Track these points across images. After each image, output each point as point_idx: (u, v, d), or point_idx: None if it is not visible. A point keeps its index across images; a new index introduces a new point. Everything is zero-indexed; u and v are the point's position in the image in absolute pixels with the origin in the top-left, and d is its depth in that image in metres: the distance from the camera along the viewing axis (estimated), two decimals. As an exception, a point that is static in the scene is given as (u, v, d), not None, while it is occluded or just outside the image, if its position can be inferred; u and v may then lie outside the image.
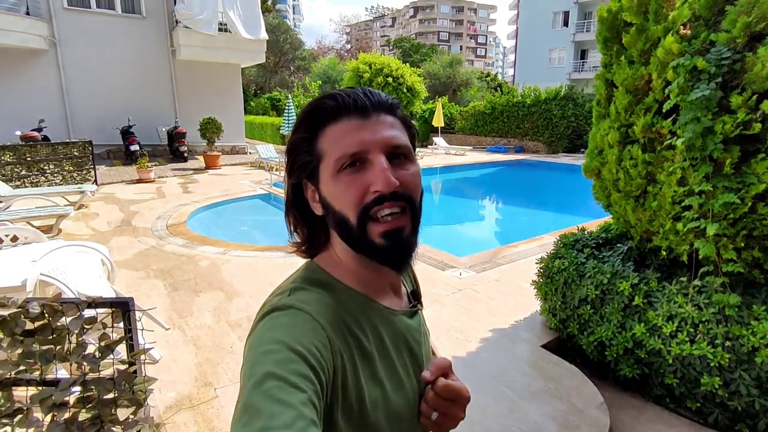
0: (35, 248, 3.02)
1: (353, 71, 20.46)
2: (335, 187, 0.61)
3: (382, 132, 0.61)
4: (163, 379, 2.57)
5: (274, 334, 0.53)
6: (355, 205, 0.60)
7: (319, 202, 0.65)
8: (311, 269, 0.67)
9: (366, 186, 0.60)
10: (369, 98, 0.63)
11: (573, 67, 30.41)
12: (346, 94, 0.62)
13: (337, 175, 0.61)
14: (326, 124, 0.62)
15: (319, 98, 0.64)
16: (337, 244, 0.67)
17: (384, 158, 0.60)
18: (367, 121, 0.62)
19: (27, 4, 11.42)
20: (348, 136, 0.60)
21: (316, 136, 0.63)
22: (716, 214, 2.09)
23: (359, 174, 0.60)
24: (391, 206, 0.60)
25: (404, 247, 0.63)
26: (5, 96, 11.52)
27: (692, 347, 2.20)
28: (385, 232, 0.61)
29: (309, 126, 0.63)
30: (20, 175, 8.04)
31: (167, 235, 5.88)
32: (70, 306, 1.46)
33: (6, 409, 1.40)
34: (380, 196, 0.59)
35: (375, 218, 0.60)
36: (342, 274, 0.67)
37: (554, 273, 3.03)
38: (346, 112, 0.62)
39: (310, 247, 0.70)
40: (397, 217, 0.61)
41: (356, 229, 0.61)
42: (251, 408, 0.45)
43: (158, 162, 12.70)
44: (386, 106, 0.64)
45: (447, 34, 73.49)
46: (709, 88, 1.98)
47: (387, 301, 0.70)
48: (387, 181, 0.58)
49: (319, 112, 0.63)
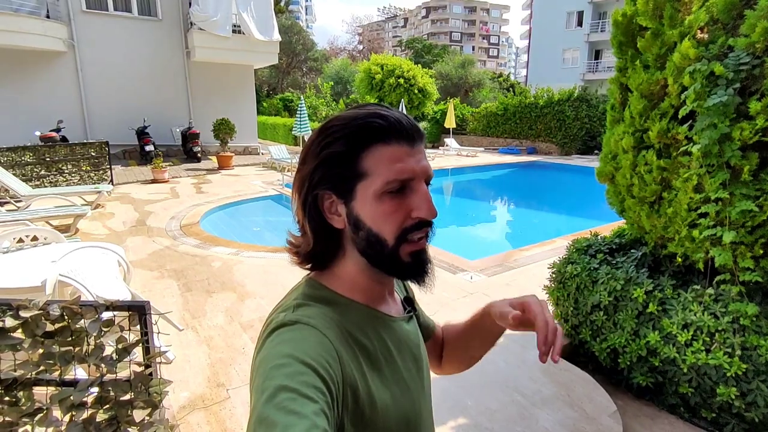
0: (54, 248, 3.09)
1: (365, 72, 20.54)
2: (377, 208, 0.62)
3: (423, 162, 0.65)
4: (176, 379, 2.61)
5: (283, 349, 0.55)
6: (397, 227, 0.63)
7: (344, 217, 0.65)
8: (312, 286, 0.68)
9: (408, 211, 0.63)
10: (411, 123, 0.65)
11: (587, 68, 30.07)
12: (395, 116, 0.63)
13: (380, 197, 0.62)
14: (374, 144, 0.62)
15: (367, 116, 0.63)
16: (349, 257, 0.67)
17: (426, 188, 0.65)
18: (413, 149, 0.64)
19: (47, 7, 11.67)
20: (400, 162, 0.62)
21: (360, 153, 0.62)
22: (733, 221, 2.05)
23: (402, 199, 0.63)
24: (424, 231, 0.65)
25: (426, 264, 0.68)
26: (25, 97, 11.79)
27: (708, 356, 2.16)
28: (413, 252, 0.65)
29: (353, 142, 0.62)
30: (39, 174, 8.23)
31: (181, 235, 5.96)
32: (88, 309, 1.49)
33: (27, 408, 1.44)
34: (421, 222, 0.64)
35: (408, 240, 0.64)
36: (343, 288, 0.68)
37: (566, 278, 3.00)
38: (396, 137, 0.63)
39: (318, 258, 0.69)
40: (423, 239, 0.66)
41: (390, 248, 0.64)
42: (266, 421, 0.46)
43: (172, 162, 12.88)
44: (421, 134, 0.67)
45: (459, 35, 73.23)
46: (726, 94, 1.95)
47: (387, 309, 0.73)
48: (432, 211, 0.64)
49: (367, 130, 0.62)
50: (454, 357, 0.94)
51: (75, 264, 2.72)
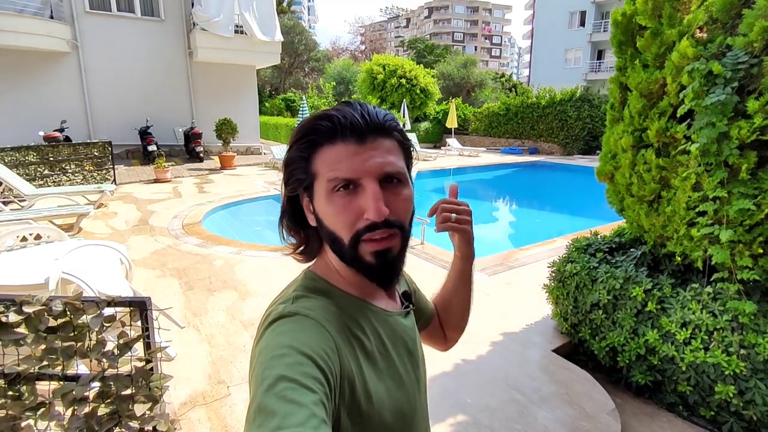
0: (57, 247, 3.11)
1: (367, 72, 20.54)
2: (328, 208, 0.62)
3: (377, 158, 0.62)
4: (177, 376, 2.63)
5: (282, 340, 0.56)
6: (348, 228, 0.62)
7: (313, 215, 0.67)
8: (310, 278, 0.70)
9: (359, 211, 0.61)
10: (366, 120, 0.62)
11: (589, 68, 29.99)
12: (343, 115, 0.62)
13: (330, 196, 0.62)
14: (321, 146, 0.62)
15: (315, 117, 0.63)
16: (329, 252, 0.69)
17: (376, 186, 0.61)
18: (363, 146, 0.61)
19: (51, 8, 11.73)
20: (343, 162, 0.61)
21: (311, 155, 0.63)
22: (731, 220, 2.06)
23: (352, 197, 0.61)
24: (383, 233, 0.62)
25: (392, 266, 0.65)
26: (29, 97, 11.85)
27: (706, 355, 2.17)
28: (376, 252, 0.63)
29: (304, 145, 0.64)
30: (43, 174, 8.28)
31: (183, 234, 5.99)
32: (90, 304, 1.51)
33: (30, 402, 1.46)
34: (372, 224, 0.61)
35: (366, 240, 0.62)
36: (339, 281, 0.69)
37: (566, 277, 3.01)
38: (342, 135, 0.61)
39: (304, 252, 0.73)
40: (387, 239, 0.63)
41: (348, 248, 0.63)
42: (265, 409, 0.47)
43: (175, 162, 12.92)
44: (382, 128, 0.64)
45: (461, 35, 73.18)
46: (724, 92, 1.96)
47: (383, 303, 0.74)
48: (378, 212, 0.60)
49: (314, 133, 0.63)
50: (449, 321, 0.99)
51: (77, 262, 2.74)
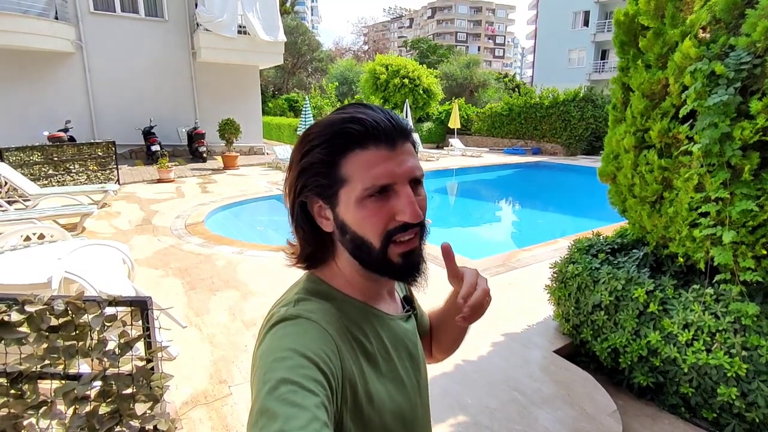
0: (60, 246, 3.13)
1: (370, 73, 20.56)
2: (359, 213, 0.62)
3: (407, 163, 0.63)
4: (179, 376, 2.64)
5: (284, 343, 0.56)
6: (380, 231, 0.62)
7: (332, 221, 0.66)
8: (312, 281, 0.70)
9: (391, 214, 0.62)
10: (393, 125, 0.63)
11: (593, 68, 29.91)
12: (372, 119, 0.62)
13: (361, 202, 0.62)
14: (352, 150, 0.62)
15: (344, 121, 0.62)
16: (342, 257, 0.69)
17: (410, 190, 0.63)
18: (394, 151, 0.62)
19: (56, 9, 11.80)
20: (377, 167, 0.61)
21: (339, 160, 0.62)
22: (734, 221, 2.05)
23: (384, 202, 0.62)
24: (411, 233, 0.64)
25: (418, 264, 0.67)
26: (34, 97, 11.92)
27: (708, 356, 2.16)
28: (404, 253, 0.64)
29: (331, 149, 0.62)
30: (47, 174, 8.32)
31: (185, 234, 6.01)
32: (92, 304, 1.52)
33: (32, 401, 1.47)
34: (405, 224, 0.62)
35: (396, 242, 0.63)
36: (342, 285, 0.69)
37: (568, 278, 3.00)
38: (374, 140, 0.61)
39: (312, 259, 0.71)
40: (413, 239, 0.65)
41: (378, 251, 0.63)
42: (267, 412, 0.47)
43: (178, 162, 12.97)
44: (405, 132, 0.65)
45: (465, 35, 73.08)
46: (727, 93, 1.95)
47: (385, 307, 0.74)
48: (415, 214, 0.62)
49: (342, 136, 0.62)
50: (439, 343, 0.96)
51: (80, 261, 2.75)
